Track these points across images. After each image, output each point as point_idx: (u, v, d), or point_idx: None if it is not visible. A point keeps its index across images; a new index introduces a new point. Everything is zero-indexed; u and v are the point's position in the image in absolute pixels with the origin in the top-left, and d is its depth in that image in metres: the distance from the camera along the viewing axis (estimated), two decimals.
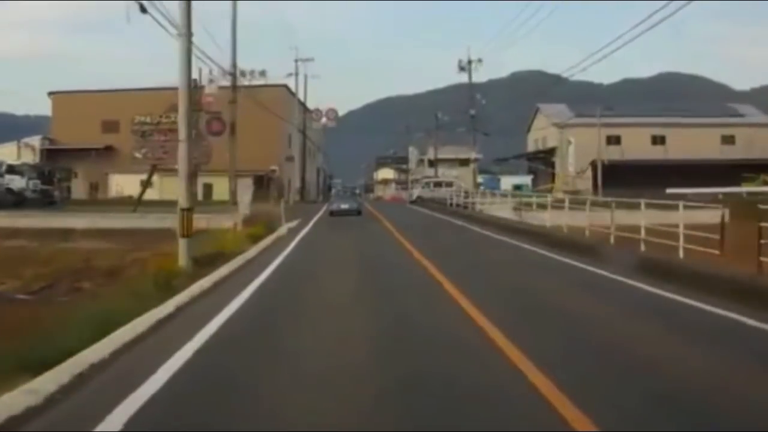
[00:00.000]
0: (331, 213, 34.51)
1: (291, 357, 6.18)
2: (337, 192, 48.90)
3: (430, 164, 77.84)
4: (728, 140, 69.32)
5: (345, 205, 35.42)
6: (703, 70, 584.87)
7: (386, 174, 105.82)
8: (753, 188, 54.22)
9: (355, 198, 42.06)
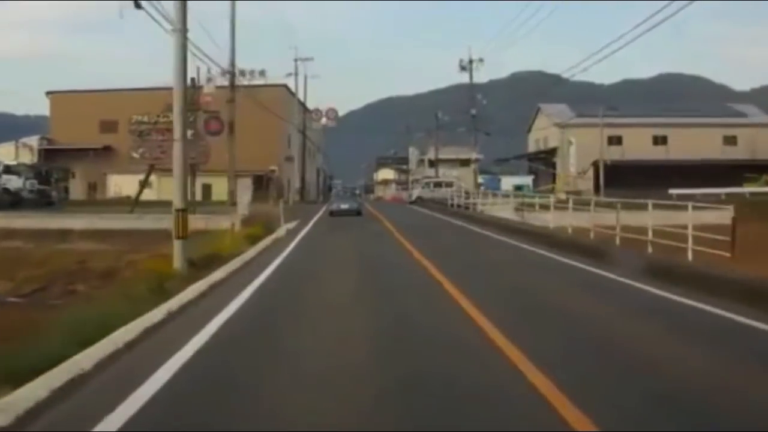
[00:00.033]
0: (331, 213, 34.57)
1: (291, 357, 6.12)
2: (337, 192, 48.70)
3: (431, 164, 77.45)
4: (730, 141, 68.98)
5: (345, 206, 35.45)
6: (703, 71, 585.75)
7: (386, 174, 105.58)
8: (755, 189, 54.05)
9: (355, 198, 42.14)
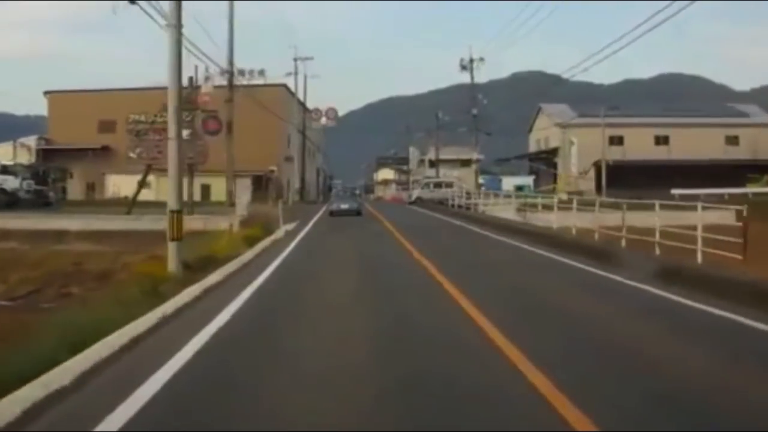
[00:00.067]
0: (331, 213, 34.55)
1: (290, 357, 6.04)
2: (337, 192, 48.42)
3: (431, 165, 77.06)
4: (732, 141, 68.64)
5: (345, 206, 35.46)
6: (703, 71, 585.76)
7: (386, 174, 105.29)
8: (758, 189, 53.75)
9: (355, 198, 42.09)
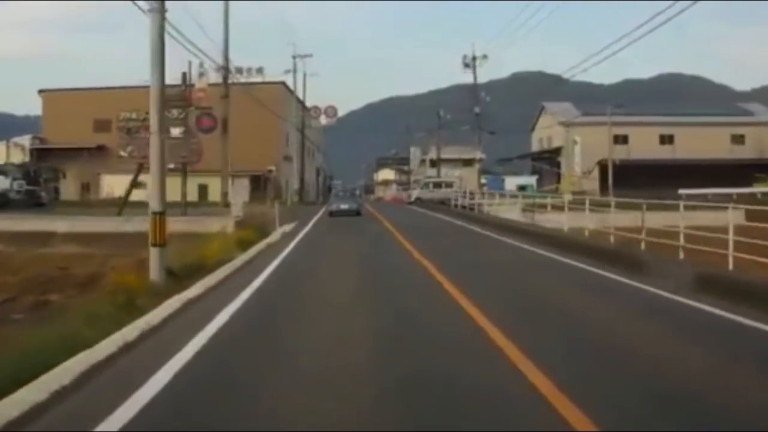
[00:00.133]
0: (330, 213, 34.19)
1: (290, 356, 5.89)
2: (337, 193, 47.48)
3: (432, 164, 75.98)
4: (738, 140, 67.75)
5: (345, 206, 35.11)
6: (703, 71, 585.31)
7: (387, 175, 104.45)
8: (766, 188, 52.92)
9: (355, 198, 41.52)
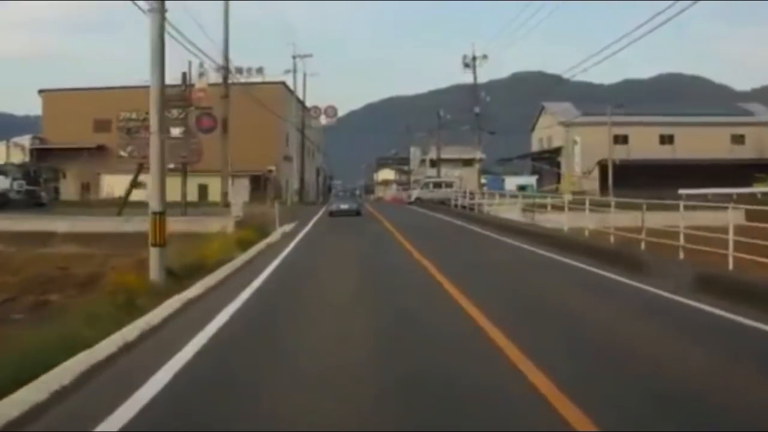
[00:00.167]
0: (330, 213, 34.18)
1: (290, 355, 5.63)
2: (337, 193, 47.50)
3: (432, 164, 75.91)
4: (738, 140, 67.71)
5: (344, 206, 35.12)
6: (704, 71, 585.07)
7: (387, 175, 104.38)
8: (766, 188, 52.86)
9: (355, 198, 41.58)
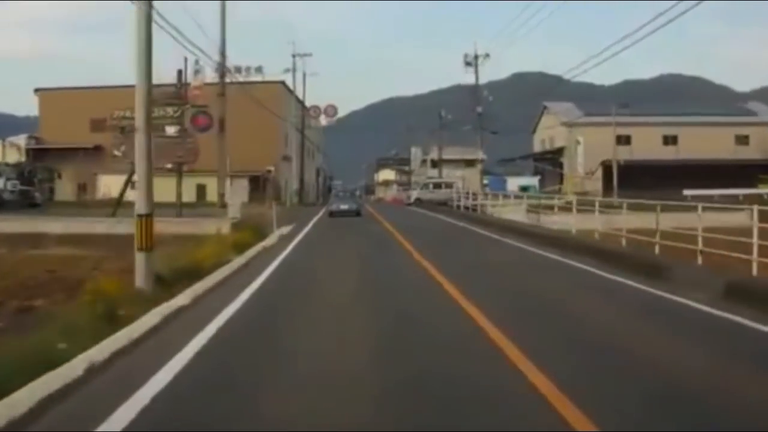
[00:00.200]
0: (330, 214, 34.19)
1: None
2: (337, 193, 46.99)
3: (433, 165, 75.23)
4: (742, 140, 67.18)
5: (344, 206, 35.11)
6: (704, 72, 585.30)
7: (387, 175, 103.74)
8: None
9: (355, 199, 41.38)
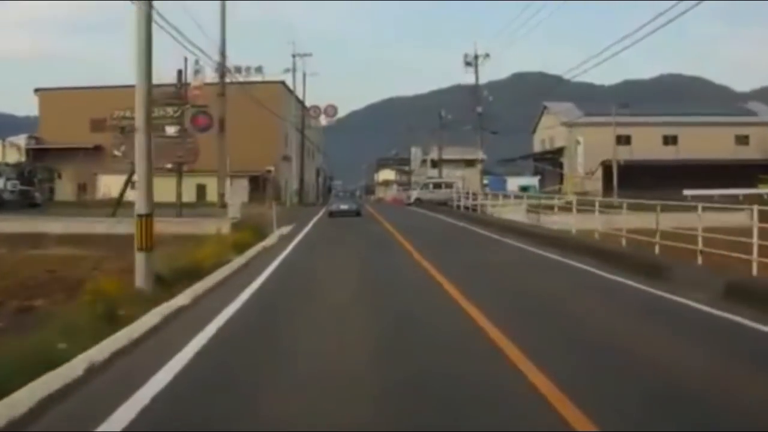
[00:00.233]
0: (330, 214, 34.26)
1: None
2: (336, 193, 47.07)
3: (434, 165, 75.19)
4: (742, 140, 67.18)
5: (344, 206, 35.19)
6: (704, 72, 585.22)
7: (387, 175, 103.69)
8: None
9: (355, 199, 41.54)
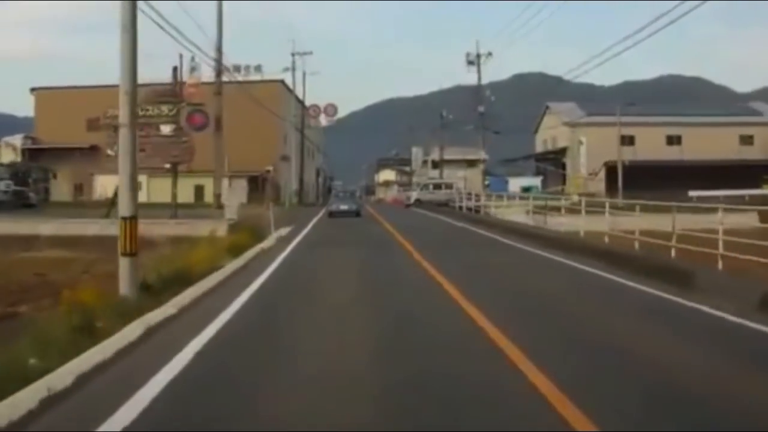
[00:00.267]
0: (330, 214, 34.26)
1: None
2: (336, 194, 46.50)
3: (435, 165, 74.52)
4: (747, 140, 66.64)
5: (344, 206, 35.22)
6: (704, 72, 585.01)
7: (387, 176, 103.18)
8: None
9: (355, 199, 41.27)
